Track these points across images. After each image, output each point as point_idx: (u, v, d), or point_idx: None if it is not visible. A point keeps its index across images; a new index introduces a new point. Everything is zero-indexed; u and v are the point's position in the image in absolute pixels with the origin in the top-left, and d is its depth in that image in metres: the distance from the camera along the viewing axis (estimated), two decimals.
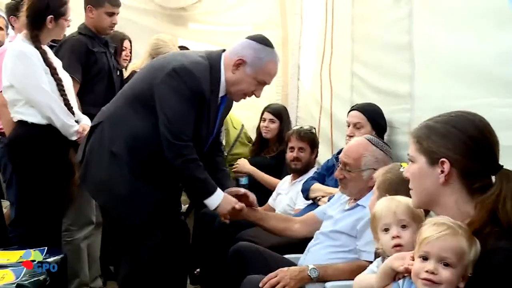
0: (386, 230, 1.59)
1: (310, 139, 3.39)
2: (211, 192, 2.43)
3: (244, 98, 2.57)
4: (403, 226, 1.57)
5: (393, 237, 1.57)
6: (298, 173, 3.39)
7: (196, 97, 2.37)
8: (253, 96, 2.56)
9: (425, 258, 1.31)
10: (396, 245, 1.55)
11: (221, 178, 2.64)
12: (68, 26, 3.07)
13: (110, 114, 2.48)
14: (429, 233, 1.32)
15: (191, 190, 2.71)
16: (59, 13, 2.92)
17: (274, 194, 3.55)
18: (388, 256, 1.55)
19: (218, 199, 2.44)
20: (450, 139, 1.42)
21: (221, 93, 2.49)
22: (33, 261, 2.38)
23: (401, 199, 1.64)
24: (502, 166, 1.42)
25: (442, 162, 1.41)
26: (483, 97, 2.03)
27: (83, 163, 2.49)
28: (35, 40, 2.87)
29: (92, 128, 2.53)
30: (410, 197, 1.57)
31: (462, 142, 1.41)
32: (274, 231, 2.63)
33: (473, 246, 1.30)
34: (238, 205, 2.49)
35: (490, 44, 2.04)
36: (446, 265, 1.29)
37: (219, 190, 2.46)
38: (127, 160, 2.39)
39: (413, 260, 1.36)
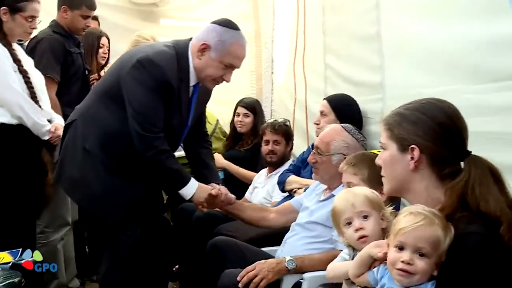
0: (349, 223, 1.58)
1: (284, 131, 3.41)
2: (185, 182, 2.43)
3: (216, 84, 2.51)
4: (365, 217, 1.57)
5: (356, 230, 1.56)
6: (274, 166, 3.41)
7: (162, 87, 2.34)
8: (227, 85, 2.57)
9: (400, 248, 1.32)
10: (360, 237, 1.55)
11: (208, 176, 2.66)
12: (33, 28, 2.98)
13: (82, 112, 2.47)
14: (405, 223, 1.32)
15: (165, 181, 2.67)
16: (15, 8, 2.84)
17: (250, 187, 3.56)
18: (356, 249, 1.56)
19: (193, 188, 2.44)
20: (420, 126, 1.43)
21: (193, 82, 2.46)
22: (7, 263, 2.31)
23: (357, 190, 1.65)
24: (470, 152, 1.43)
25: (412, 149, 1.42)
26: (451, 84, 2.05)
27: (58, 162, 2.51)
28: (2, 38, 2.83)
29: (66, 127, 2.52)
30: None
31: (431, 129, 1.42)
32: (250, 221, 2.64)
33: (448, 234, 1.30)
34: (214, 191, 2.49)
35: (456, 33, 2.07)
36: (422, 255, 1.30)
37: (193, 179, 2.46)
38: (100, 156, 2.38)
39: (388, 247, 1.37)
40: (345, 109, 2.85)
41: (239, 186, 3.60)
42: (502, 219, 1.29)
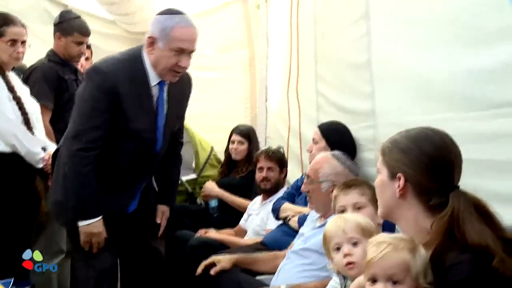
0: (338, 249, 1.58)
1: (278, 158, 3.44)
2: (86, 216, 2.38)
3: (176, 75, 2.39)
4: (354, 243, 1.57)
5: (345, 255, 1.56)
6: (268, 193, 3.42)
7: (106, 92, 2.28)
8: (221, 112, 2.60)
9: (374, 280, 1.31)
10: (348, 263, 1.54)
11: (162, 195, 2.74)
12: (20, 52, 2.95)
13: (64, 138, 2.45)
14: (371, 255, 1.33)
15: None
16: None
17: (245, 215, 3.56)
18: (344, 275, 1.55)
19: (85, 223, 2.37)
20: (407, 155, 1.44)
21: (154, 81, 2.38)
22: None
23: (349, 216, 1.66)
24: (457, 186, 1.43)
25: (399, 177, 1.44)
26: (442, 112, 2.07)
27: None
28: None
29: (54, 154, 2.54)
30: None
31: (418, 159, 1.43)
32: (268, 272, 2.55)
33: (417, 255, 1.31)
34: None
35: (446, 62, 2.09)
36: (395, 282, 1.29)
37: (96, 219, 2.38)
38: None
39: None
40: (335, 137, 2.86)
41: (234, 214, 3.63)
42: (492, 251, 1.29)
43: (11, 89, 2.89)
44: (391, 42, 2.54)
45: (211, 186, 3.85)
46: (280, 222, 3.05)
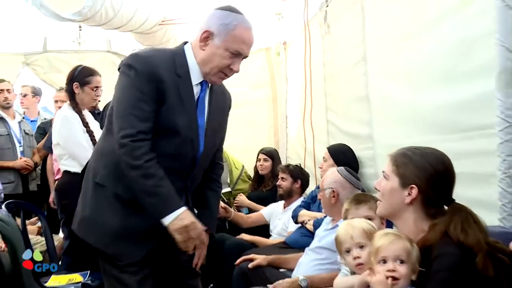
0: (348, 251, 1.57)
1: (290, 170, 3.42)
2: (167, 210, 1.63)
3: (223, 77, 1.79)
4: (361, 247, 1.55)
5: (354, 258, 1.55)
6: (282, 198, 3.41)
7: (149, 79, 1.65)
8: (250, 137, 2.35)
9: (384, 262, 1.33)
10: (358, 264, 1.54)
11: (204, 218, 1.80)
12: (98, 96, 3.08)
13: (94, 151, 1.88)
14: (381, 242, 1.35)
15: (145, 201, 1.67)
16: (84, 82, 2.99)
17: (267, 209, 3.55)
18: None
19: (173, 216, 1.63)
20: (423, 172, 1.41)
21: (196, 79, 1.75)
22: (78, 282, 2.11)
23: (356, 223, 1.63)
24: (454, 200, 1.43)
25: (411, 187, 1.41)
26: (425, 135, 2.07)
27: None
28: (74, 107, 2.96)
29: (82, 173, 1.92)
30: None
31: (431, 176, 1.41)
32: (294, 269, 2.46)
33: (413, 246, 1.34)
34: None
35: (428, 95, 2.10)
36: (401, 262, 1.31)
37: (181, 209, 1.64)
38: (114, 189, 1.70)
39: (373, 271, 1.37)
40: (340, 156, 2.87)
41: None
42: (477, 250, 1.28)
43: (85, 124, 2.98)
44: (384, 80, 2.56)
45: (242, 198, 3.86)
46: (299, 225, 3.06)
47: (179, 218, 1.62)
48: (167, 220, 1.61)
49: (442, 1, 1.95)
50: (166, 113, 1.68)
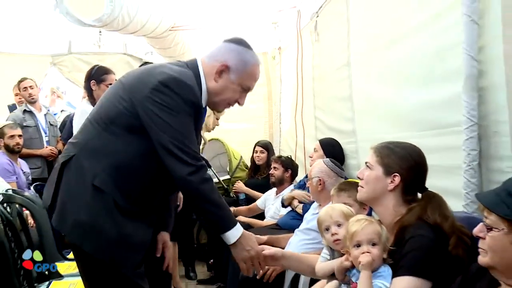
0: (327, 229, 1.56)
1: (282, 161, 3.42)
2: (232, 223, 1.49)
3: (228, 107, 1.66)
4: (339, 225, 1.54)
5: (332, 234, 1.54)
6: (275, 185, 3.41)
7: (193, 108, 1.48)
8: (248, 130, 2.32)
9: (358, 245, 1.33)
10: (335, 240, 1.53)
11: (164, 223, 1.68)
12: None
13: (83, 145, 1.50)
14: (355, 227, 1.34)
15: (207, 218, 1.55)
16: (100, 79, 2.93)
17: (262, 198, 3.55)
18: (332, 248, 1.55)
19: (238, 233, 1.50)
20: (405, 162, 1.42)
21: (204, 104, 1.58)
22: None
23: (336, 206, 1.62)
24: (427, 188, 1.43)
25: (395, 176, 1.41)
26: (401, 131, 2.05)
27: (57, 207, 1.47)
28: (92, 102, 2.92)
29: (63, 166, 1.50)
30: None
31: (412, 166, 1.42)
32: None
33: (382, 228, 1.35)
34: (266, 251, 1.61)
35: (404, 95, 2.09)
36: (374, 244, 1.32)
37: (238, 224, 1.52)
38: (113, 195, 1.44)
39: (349, 254, 1.37)
40: (330, 148, 2.86)
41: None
42: (450, 232, 1.28)
43: None
44: (366, 82, 2.54)
45: (240, 185, 3.87)
46: (289, 209, 3.06)
47: (243, 237, 1.50)
48: (233, 234, 1.48)
49: (417, 14, 1.94)
50: None
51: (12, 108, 4.27)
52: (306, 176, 2.89)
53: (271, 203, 3.43)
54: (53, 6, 3.02)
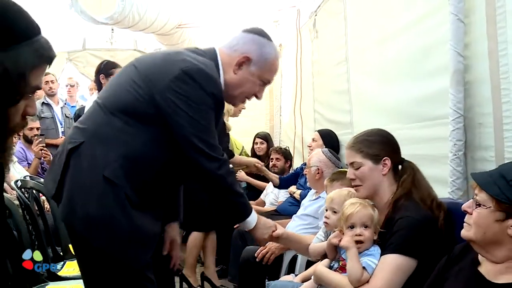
0: (335, 212, 1.58)
1: (283, 152, 3.47)
2: (250, 210, 1.44)
3: (244, 102, 1.52)
4: (334, 212, 1.57)
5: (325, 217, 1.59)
6: (278, 175, 3.40)
7: (214, 101, 1.31)
8: (250, 122, 2.33)
9: (352, 227, 1.36)
10: (325, 223, 1.58)
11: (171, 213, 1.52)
12: None
13: (92, 132, 1.31)
14: (350, 210, 1.36)
15: (229, 208, 1.43)
16: (108, 73, 2.91)
17: (264, 192, 3.57)
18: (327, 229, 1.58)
19: (253, 220, 1.46)
20: (385, 144, 1.45)
21: None
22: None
23: (342, 191, 1.61)
24: (404, 158, 1.47)
25: (385, 159, 1.42)
26: (392, 123, 2.05)
27: (64, 199, 1.28)
28: None
29: (70, 152, 1.29)
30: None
31: (391, 146, 1.46)
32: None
33: (375, 211, 1.37)
34: (276, 233, 1.57)
35: (396, 89, 2.10)
36: (366, 227, 1.34)
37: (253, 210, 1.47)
38: (125, 187, 1.27)
39: (342, 234, 1.38)
40: (327, 138, 2.87)
41: (256, 191, 3.65)
42: (438, 210, 1.32)
43: None
44: (362, 77, 2.55)
45: (241, 174, 3.85)
46: (288, 196, 3.08)
47: (259, 221, 1.47)
48: (252, 219, 1.44)
49: (408, 13, 1.95)
50: None
51: None
52: (304, 164, 2.92)
53: (271, 191, 3.45)
54: (68, 6, 3.03)
